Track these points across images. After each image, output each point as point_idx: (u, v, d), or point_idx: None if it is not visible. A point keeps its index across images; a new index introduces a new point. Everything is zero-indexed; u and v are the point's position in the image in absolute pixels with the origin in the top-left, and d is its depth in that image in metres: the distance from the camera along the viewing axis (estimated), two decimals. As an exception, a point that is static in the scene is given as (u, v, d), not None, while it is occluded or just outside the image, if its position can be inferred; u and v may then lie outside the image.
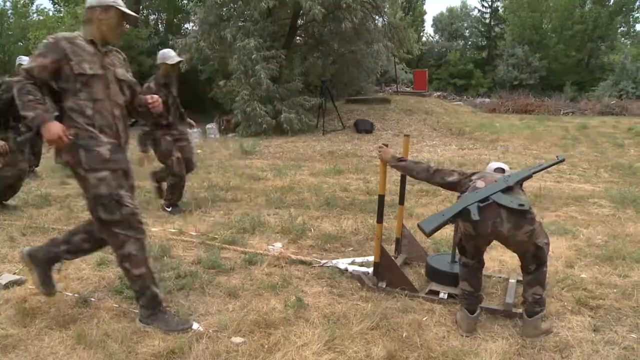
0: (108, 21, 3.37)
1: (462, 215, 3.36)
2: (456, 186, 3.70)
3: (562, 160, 3.77)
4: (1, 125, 6.27)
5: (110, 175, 3.28)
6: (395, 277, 4.13)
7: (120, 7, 3.38)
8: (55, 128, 3.06)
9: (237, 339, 3.29)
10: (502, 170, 3.82)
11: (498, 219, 3.27)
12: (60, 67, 3.21)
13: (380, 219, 4.21)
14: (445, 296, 4.01)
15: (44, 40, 3.26)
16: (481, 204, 3.31)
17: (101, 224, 3.34)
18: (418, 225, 3.51)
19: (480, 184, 3.46)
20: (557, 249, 5.10)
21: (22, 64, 8.54)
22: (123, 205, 3.30)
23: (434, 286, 4.13)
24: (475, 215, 3.27)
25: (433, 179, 3.86)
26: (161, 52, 6.30)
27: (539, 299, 3.44)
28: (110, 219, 3.29)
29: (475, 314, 3.52)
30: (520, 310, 3.71)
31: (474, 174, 3.69)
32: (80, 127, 3.25)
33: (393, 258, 4.33)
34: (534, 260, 3.42)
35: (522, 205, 3.23)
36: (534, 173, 3.57)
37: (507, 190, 3.36)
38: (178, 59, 6.24)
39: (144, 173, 6.70)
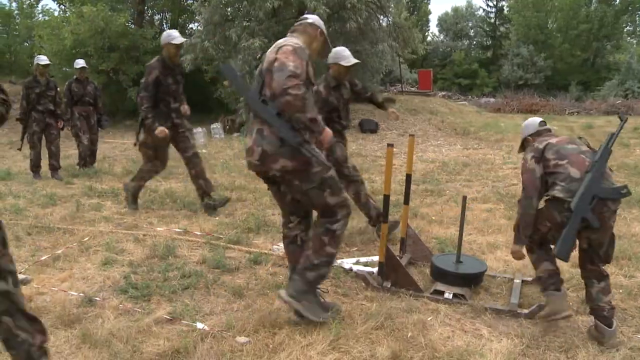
0: (320, 44, 3.67)
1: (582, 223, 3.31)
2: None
3: (626, 120, 3.75)
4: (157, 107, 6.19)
5: (332, 170, 3.48)
6: (400, 277, 4.13)
7: (327, 39, 3.75)
8: (331, 133, 3.35)
9: (242, 339, 3.29)
10: (544, 123, 3.85)
11: (605, 207, 3.28)
12: (307, 71, 3.29)
13: (385, 219, 4.21)
14: (451, 296, 4.00)
15: (295, 45, 3.28)
16: (590, 206, 3.26)
17: (325, 208, 3.46)
18: (556, 257, 3.40)
19: (574, 172, 3.38)
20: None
21: (40, 64, 8.59)
22: (342, 189, 3.53)
23: (439, 286, 4.13)
24: (595, 222, 3.24)
25: (537, 189, 3.53)
26: (335, 50, 5.29)
27: (614, 307, 3.42)
28: (337, 202, 3.44)
29: (562, 291, 3.51)
30: (525, 311, 3.71)
31: (544, 151, 3.54)
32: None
33: (398, 258, 4.33)
34: (605, 256, 3.42)
35: (623, 192, 3.28)
36: (611, 147, 3.52)
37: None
38: (354, 60, 5.26)
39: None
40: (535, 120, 3.88)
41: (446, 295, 4.03)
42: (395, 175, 9.26)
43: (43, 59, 8.71)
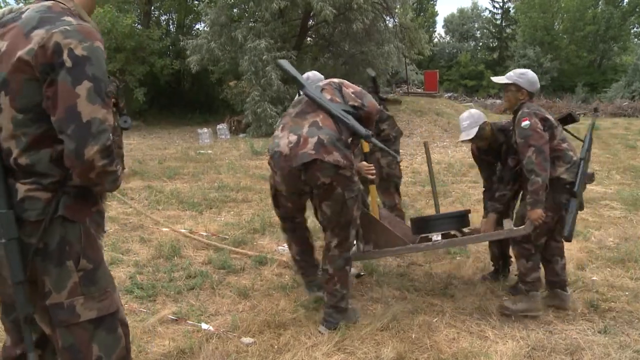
0: None
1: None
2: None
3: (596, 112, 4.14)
4: None
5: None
6: (381, 235, 3.92)
7: None
8: None
9: (247, 339, 3.29)
10: None
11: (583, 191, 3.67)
12: None
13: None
14: (439, 238, 3.88)
15: None
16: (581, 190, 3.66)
17: (347, 224, 3.49)
18: (566, 240, 3.72)
19: (574, 155, 3.67)
20: (569, 251, 5.06)
21: None
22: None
23: (424, 235, 4.01)
24: (583, 205, 3.74)
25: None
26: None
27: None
28: (357, 216, 3.54)
29: (539, 293, 3.81)
30: None
31: (549, 123, 3.65)
32: None
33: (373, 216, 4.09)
34: (569, 235, 3.72)
35: (593, 179, 3.77)
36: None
37: None
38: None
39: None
40: (537, 78, 3.84)
41: (434, 238, 3.89)
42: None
43: None
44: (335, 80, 3.76)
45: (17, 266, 1.70)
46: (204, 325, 3.45)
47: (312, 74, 4.49)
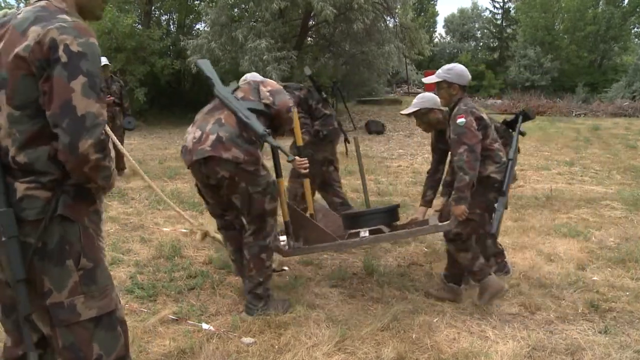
0: None
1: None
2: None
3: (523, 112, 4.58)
4: None
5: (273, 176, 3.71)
6: (311, 232, 3.98)
7: None
8: None
9: (248, 339, 3.30)
10: None
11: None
12: None
13: (279, 174, 3.97)
14: (367, 234, 3.94)
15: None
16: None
17: (259, 215, 3.60)
18: (492, 235, 4.08)
19: (503, 155, 3.83)
20: (569, 251, 5.07)
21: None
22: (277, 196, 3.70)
23: (353, 230, 4.06)
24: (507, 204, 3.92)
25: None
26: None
27: None
28: (271, 208, 3.61)
29: (492, 274, 3.89)
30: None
31: (484, 123, 3.77)
32: None
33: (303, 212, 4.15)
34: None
35: (517, 179, 4.08)
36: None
37: None
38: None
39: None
40: (466, 70, 3.89)
41: (362, 234, 3.95)
42: (402, 177, 9.26)
43: (104, 60, 7.79)
44: (258, 79, 3.95)
45: (18, 264, 1.71)
46: (205, 325, 3.46)
47: (250, 75, 4.53)
